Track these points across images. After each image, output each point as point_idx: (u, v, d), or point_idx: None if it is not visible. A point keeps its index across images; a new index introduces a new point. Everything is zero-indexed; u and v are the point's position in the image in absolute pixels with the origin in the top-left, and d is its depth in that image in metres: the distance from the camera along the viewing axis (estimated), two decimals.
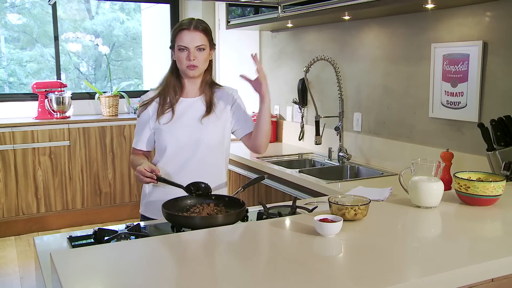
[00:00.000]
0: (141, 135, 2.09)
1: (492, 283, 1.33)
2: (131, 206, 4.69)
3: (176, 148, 2.02)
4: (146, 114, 2.06)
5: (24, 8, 6.30)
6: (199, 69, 2.01)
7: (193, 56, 1.97)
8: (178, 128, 2.02)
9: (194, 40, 1.97)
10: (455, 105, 2.53)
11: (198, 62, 1.99)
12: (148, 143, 2.09)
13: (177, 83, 2.06)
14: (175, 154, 2.03)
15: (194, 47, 1.97)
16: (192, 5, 4.93)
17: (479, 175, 1.88)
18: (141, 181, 1.94)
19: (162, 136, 2.03)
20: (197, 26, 1.98)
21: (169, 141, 2.02)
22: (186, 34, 1.97)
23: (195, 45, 1.97)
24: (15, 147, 4.20)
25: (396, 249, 1.40)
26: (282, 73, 3.95)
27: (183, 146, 2.02)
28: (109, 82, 5.24)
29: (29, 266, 3.70)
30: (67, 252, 1.45)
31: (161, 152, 2.06)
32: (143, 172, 1.88)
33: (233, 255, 1.38)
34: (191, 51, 1.97)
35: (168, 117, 2.02)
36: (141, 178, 1.90)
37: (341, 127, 3.17)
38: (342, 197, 1.67)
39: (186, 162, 2.03)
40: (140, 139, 2.09)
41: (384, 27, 2.95)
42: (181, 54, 1.99)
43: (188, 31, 1.97)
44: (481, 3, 2.37)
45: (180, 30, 1.98)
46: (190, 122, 2.03)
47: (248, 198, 3.22)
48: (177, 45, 1.99)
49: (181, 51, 1.98)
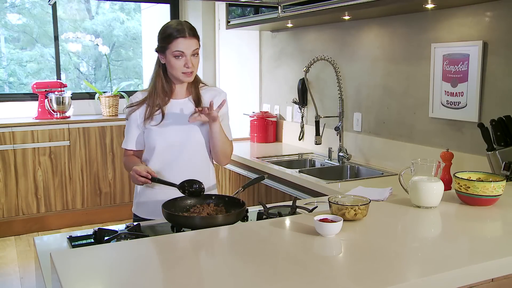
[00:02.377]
0: (130, 135, 2.11)
1: (492, 283, 1.33)
2: (131, 206, 4.68)
3: (165, 147, 2.05)
4: (134, 116, 2.08)
5: (24, 8, 6.30)
6: (194, 74, 2.04)
7: (190, 62, 1.98)
8: (167, 129, 2.04)
9: (190, 46, 1.98)
10: (455, 105, 2.53)
11: (194, 68, 2.01)
12: (138, 143, 2.11)
13: (167, 86, 2.06)
14: (164, 153, 2.05)
15: (190, 53, 1.98)
16: (192, 5, 4.94)
17: (479, 175, 1.88)
18: (135, 182, 1.96)
19: (152, 136, 2.05)
20: (191, 33, 1.98)
21: (158, 140, 2.04)
22: (183, 41, 1.96)
23: (191, 50, 1.98)
24: (15, 147, 4.20)
25: (396, 249, 1.40)
26: (282, 73, 3.95)
27: (172, 145, 2.05)
28: (109, 82, 5.24)
29: (29, 266, 3.70)
30: (67, 252, 1.45)
31: (149, 150, 2.08)
32: (138, 172, 1.90)
33: (233, 255, 1.38)
34: (188, 58, 1.97)
35: (158, 119, 2.04)
36: (136, 178, 1.92)
37: (341, 127, 3.17)
38: (342, 197, 1.67)
39: (174, 161, 2.06)
40: (129, 139, 2.11)
41: (384, 27, 2.95)
42: (177, 61, 1.98)
43: (184, 38, 1.96)
44: (481, 3, 2.36)
45: (176, 38, 1.96)
46: (179, 122, 2.05)
47: (248, 198, 3.22)
48: (173, 51, 1.97)
49: (177, 58, 1.97)
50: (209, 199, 1.88)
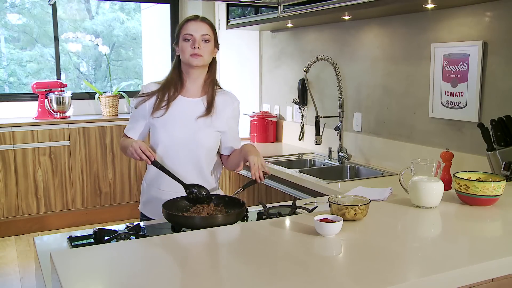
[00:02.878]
0: (136, 125, 2.07)
1: (492, 283, 1.33)
2: (131, 206, 4.69)
3: (169, 145, 2.00)
4: (143, 108, 2.04)
5: (24, 8, 6.29)
6: (203, 59, 1.98)
7: (198, 44, 1.95)
8: (172, 125, 1.99)
9: (200, 29, 1.96)
10: (455, 105, 2.53)
11: (202, 52, 1.96)
12: (141, 135, 2.08)
13: (178, 80, 2.04)
14: (168, 151, 2.00)
15: (199, 36, 1.96)
16: (192, 5, 4.94)
17: (479, 175, 1.88)
18: (132, 155, 1.88)
19: (157, 132, 2.01)
20: (203, 19, 2.00)
21: (163, 137, 1.99)
22: (192, 23, 1.97)
23: (201, 33, 1.96)
24: (15, 147, 4.20)
25: (396, 249, 1.40)
26: (282, 73, 3.95)
27: (177, 144, 1.99)
28: (109, 82, 5.24)
29: (29, 266, 3.70)
30: (67, 252, 1.44)
31: (154, 146, 2.04)
32: (143, 148, 1.84)
33: (233, 255, 1.38)
34: (196, 39, 1.95)
35: (162, 113, 2.00)
36: (138, 152, 1.85)
37: (341, 127, 3.18)
38: (342, 197, 1.67)
39: (178, 160, 2.00)
40: (133, 129, 2.07)
41: (384, 27, 2.95)
42: (185, 43, 1.97)
43: (194, 21, 1.98)
44: (481, 3, 2.36)
45: (186, 22, 1.99)
46: (186, 121, 2.00)
47: (248, 198, 3.22)
48: (182, 34, 1.97)
49: (186, 41, 1.96)
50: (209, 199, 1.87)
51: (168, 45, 5.23)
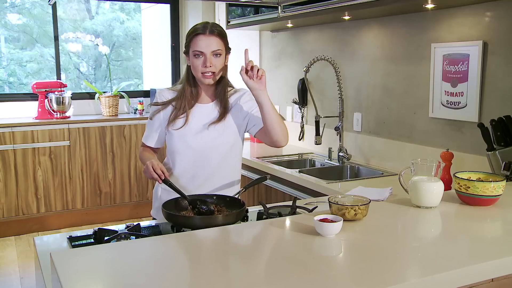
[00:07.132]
0: (152, 134, 2.07)
1: (492, 283, 1.33)
2: (131, 206, 4.69)
3: (186, 152, 2.00)
4: (158, 119, 2.03)
5: (24, 8, 6.29)
6: (215, 77, 1.96)
7: (209, 62, 1.91)
8: (189, 133, 1.99)
9: (210, 45, 1.91)
10: (455, 105, 2.53)
11: (214, 69, 1.93)
12: (158, 141, 2.08)
13: (194, 90, 2.01)
14: (185, 158, 2.01)
15: (210, 52, 1.91)
16: (192, 5, 4.93)
17: (479, 175, 1.88)
18: (147, 174, 1.89)
19: (173, 140, 2.00)
20: (212, 31, 1.92)
21: (180, 145, 2.00)
22: (202, 39, 1.91)
23: (211, 50, 1.91)
24: (15, 147, 4.20)
25: (396, 249, 1.40)
26: (282, 73, 3.95)
27: (193, 151, 2.00)
28: (109, 82, 5.24)
29: (29, 266, 3.70)
30: (67, 252, 1.44)
31: (171, 153, 2.04)
32: (155, 167, 1.84)
33: (233, 255, 1.38)
34: (207, 57, 1.91)
35: (181, 123, 1.98)
36: (150, 171, 1.86)
37: (341, 127, 3.18)
38: (342, 197, 1.67)
39: (195, 167, 2.01)
40: (151, 136, 2.07)
41: (384, 27, 2.95)
42: (196, 60, 1.92)
43: (203, 35, 1.91)
44: (481, 3, 2.36)
45: (196, 35, 1.91)
46: (200, 127, 1.99)
47: (248, 198, 3.22)
48: (192, 50, 1.92)
49: (197, 58, 1.92)
50: (210, 199, 1.87)
51: (168, 45, 5.22)
